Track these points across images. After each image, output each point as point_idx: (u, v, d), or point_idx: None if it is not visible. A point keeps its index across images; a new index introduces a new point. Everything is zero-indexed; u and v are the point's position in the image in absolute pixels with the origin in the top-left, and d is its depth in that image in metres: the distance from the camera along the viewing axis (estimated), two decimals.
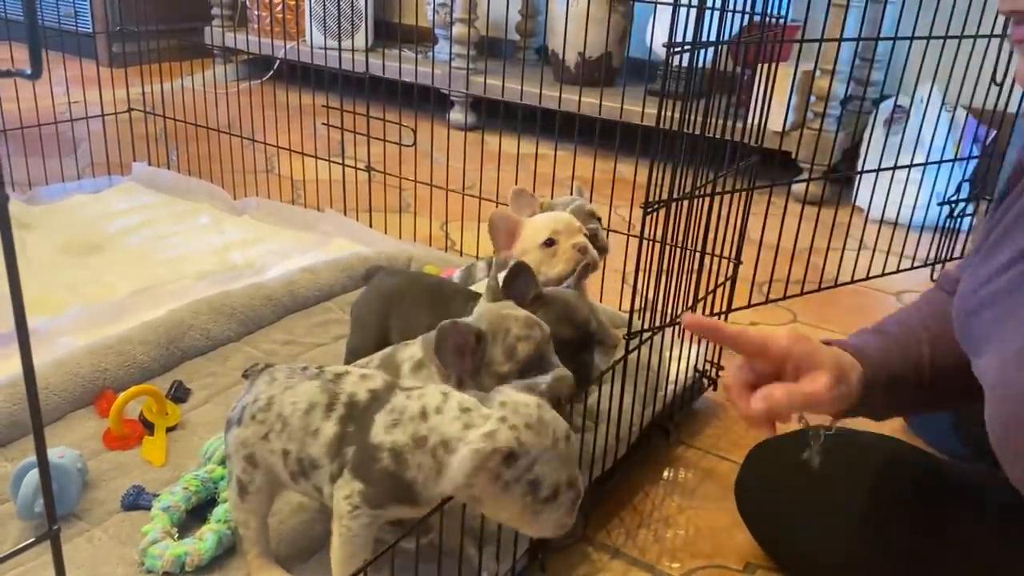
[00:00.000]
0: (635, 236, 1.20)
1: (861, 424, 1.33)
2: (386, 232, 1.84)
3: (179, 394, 1.18)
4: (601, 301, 1.50)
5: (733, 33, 1.14)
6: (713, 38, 1.05)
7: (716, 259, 1.26)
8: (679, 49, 0.97)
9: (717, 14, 1.06)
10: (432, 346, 0.87)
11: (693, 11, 0.98)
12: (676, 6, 0.97)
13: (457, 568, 0.85)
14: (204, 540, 0.89)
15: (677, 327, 1.22)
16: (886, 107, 2.28)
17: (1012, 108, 1.63)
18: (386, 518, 0.80)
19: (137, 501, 0.97)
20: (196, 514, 0.95)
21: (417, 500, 0.77)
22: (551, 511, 0.75)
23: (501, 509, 0.75)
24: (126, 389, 1.12)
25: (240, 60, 3.27)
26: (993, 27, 1.36)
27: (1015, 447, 0.77)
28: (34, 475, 0.92)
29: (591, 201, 1.36)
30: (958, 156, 2.07)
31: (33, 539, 0.44)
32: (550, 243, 1.14)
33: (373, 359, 0.99)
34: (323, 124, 1.77)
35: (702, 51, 1.02)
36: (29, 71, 0.37)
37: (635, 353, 1.07)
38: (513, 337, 0.89)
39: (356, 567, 0.77)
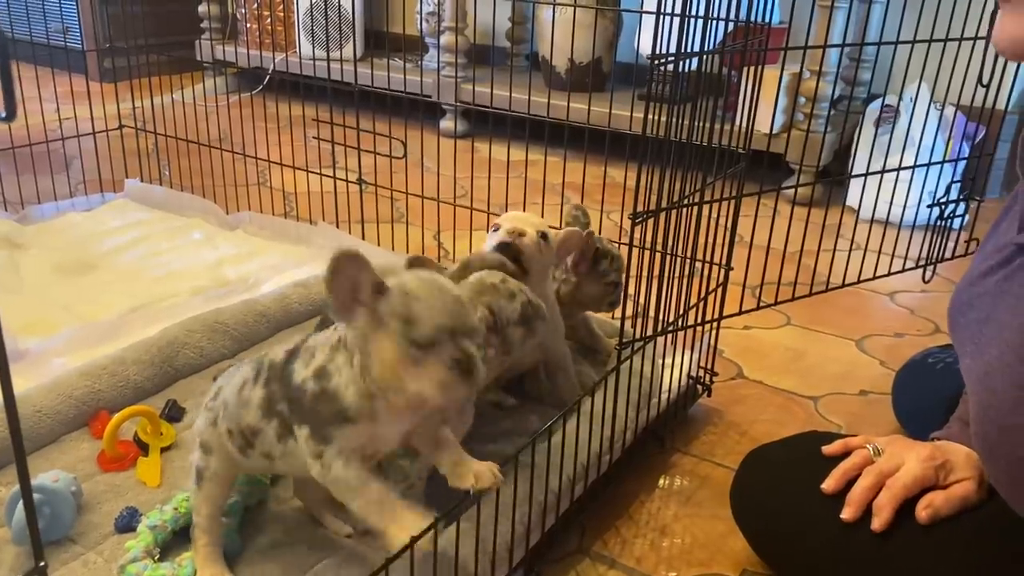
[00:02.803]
0: (625, 244, 1.20)
1: (857, 425, 1.34)
2: (379, 243, 1.84)
3: (173, 413, 1.18)
4: None
5: (719, 38, 1.14)
6: (698, 44, 1.05)
7: (707, 265, 1.26)
8: (664, 60, 0.97)
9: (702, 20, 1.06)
10: None
11: (677, 20, 0.98)
12: (660, 15, 0.98)
13: (453, 572, 0.85)
14: (183, 567, 0.89)
15: (670, 335, 1.22)
16: (875, 107, 2.28)
17: (1000, 106, 1.63)
18: (349, 451, 0.77)
19: (131, 523, 0.97)
20: (184, 535, 0.95)
21: (349, 411, 0.76)
22: (431, 363, 0.72)
23: (381, 353, 0.74)
24: (120, 410, 1.11)
25: (231, 73, 3.27)
26: (978, 30, 1.37)
27: (995, 448, 0.79)
28: None
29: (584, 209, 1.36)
30: (948, 154, 2.07)
31: (21, 575, 0.44)
32: (495, 228, 1.15)
33: None
34: (314, 137, 1.77)
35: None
36: (4, 114, 0.37)
37: (628, 362, 1.07)
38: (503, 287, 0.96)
39: (380, 505, 0.76)
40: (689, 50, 1.02)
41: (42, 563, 0.43)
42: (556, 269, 1.25)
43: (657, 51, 0.97)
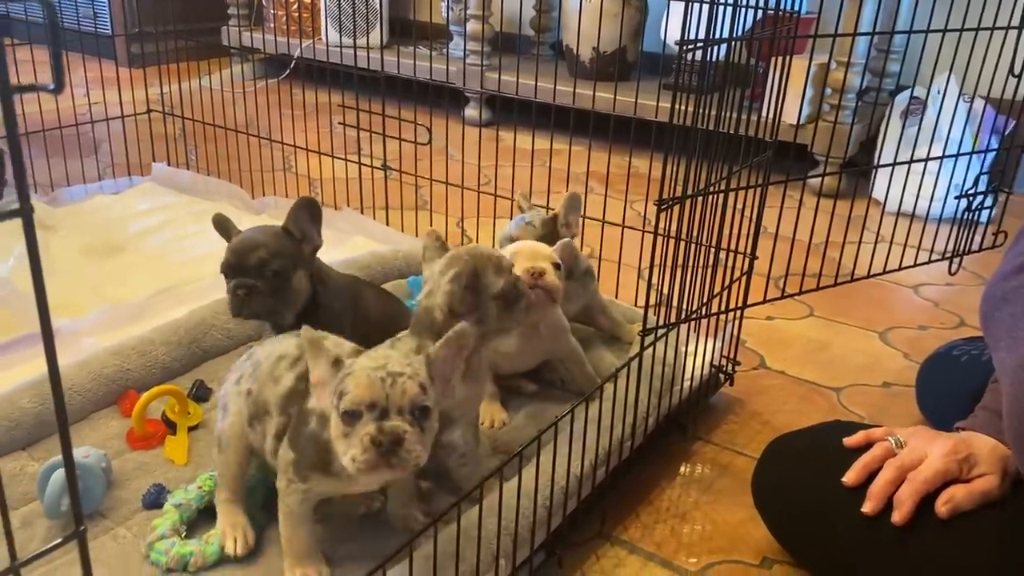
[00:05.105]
0: (650, 232, 1.20)
1: (880, 416, 1.33)
2: (403, 230, 1.85)
3: (200, 393, 1.20)
4: (617, 297, 1.51)
5: (747, 27, 1.14)
6: (726, 33, 1.05)
7: (731, 254, 1.26)
8: (692, 47, 0.97)
9: (730, 8, 1.06)
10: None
11: (705, 7, 0.98)
12: (688, 2, 0.98)
13: (476, 552, 0.86)
14: (210, 544, 0.91)
15: (693, 323, 1.22)
16: (903, 98, 2.26)
17: None
18: (314, 495, 0.84)
19: (158, 500, 0.99)
20: (209, 513, 0.96)
21: (332, 465, 0.80)
22: (353, 437, 0.74)
23: (331, 424, 0.78)
24: (149, 389, 1.13)
25: (257, 59, 3.29)
26: (1011, 19, 1.35)
27: None
28: (60, 474, 0.94)
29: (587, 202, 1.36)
30: (976, 147, 2.05)
31: (60, 539, 0.46)
32: None
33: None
34: (339, 123, 1.78)
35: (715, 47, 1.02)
36: (53, 86, 0.38)
37: (650, 349, 1.08)
38: (496, 256, 0.96)
39: (299, 546, 0.86)
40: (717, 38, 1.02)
41: (82, 527, 0.45)
42: None
43: (685, 38, 0.97)
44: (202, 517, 0.96)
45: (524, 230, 1.28)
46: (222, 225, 1.14)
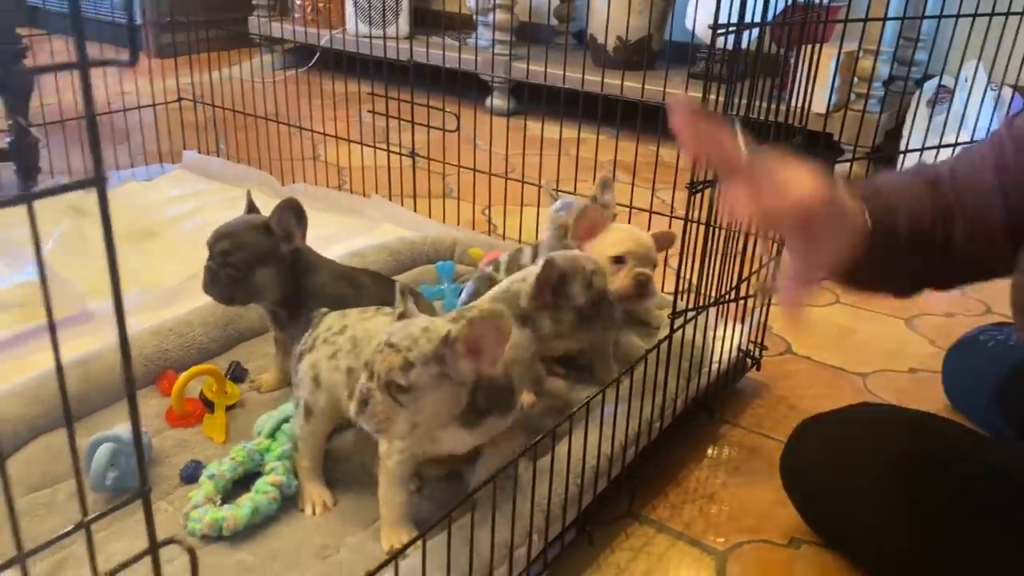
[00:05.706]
0: (678, 218, 1.21)
1: (905, 402, 1.34)
2: (430, 216, 1.87)
3: (237, 374, 1.23)
4: None
5: (777, 14, 1.14)
6: (757, 19, 1.06)
7: (759, 240, 1.27)
8: (724, 31, 0.98)
9: None
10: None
11: None
12: None
13: (510, 529, 0.88)
14: (241, 507, 0.94)
15: (721, 307, 1.23)
16: (930, 87, 2.25)
17: None
18: (410, 455, 0.89)
19: (195, 474, 1.01)
20: (244, 484, 1.00)
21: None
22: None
23: None
24: (187, 369, 1.16)
25: (285, 49, 3.32)
26: None
27: None
28: (105, 449, 0.97)
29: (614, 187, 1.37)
30: None
31: (128, 496, 0.48)
32: (619, 260, 1.15)
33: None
34: (368, 111, 1.80)
35: (746, 32, 1.03)
36: (127, 59, 0.40)
37: (679, 332, 1.09)
38: (589, 272, 1.01)
39: (394, 511, 0.91)
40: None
41: (147, 486, 0.47)
42: None
43: (717, 22, 0.98)
44: (237, 488, 0.99)
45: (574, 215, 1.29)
46: (248, 203, 1.20)
